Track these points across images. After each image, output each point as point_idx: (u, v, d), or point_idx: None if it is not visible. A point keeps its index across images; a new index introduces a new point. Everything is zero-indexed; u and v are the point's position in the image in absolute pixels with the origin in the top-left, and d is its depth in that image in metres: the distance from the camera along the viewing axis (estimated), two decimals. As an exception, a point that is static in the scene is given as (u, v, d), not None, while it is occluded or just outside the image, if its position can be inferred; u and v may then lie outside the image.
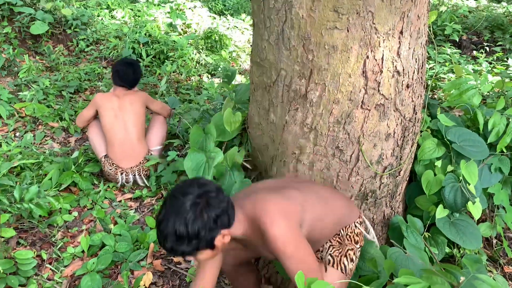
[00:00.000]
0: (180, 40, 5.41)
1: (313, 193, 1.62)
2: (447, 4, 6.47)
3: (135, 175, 3.02)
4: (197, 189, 1.34)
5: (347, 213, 1.70)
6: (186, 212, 1.29)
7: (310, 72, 1.85)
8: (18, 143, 3.47)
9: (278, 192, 1.52)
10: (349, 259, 1.63)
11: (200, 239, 1.31)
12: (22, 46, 4.99)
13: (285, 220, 1.38)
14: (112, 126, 3.00)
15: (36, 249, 2.40)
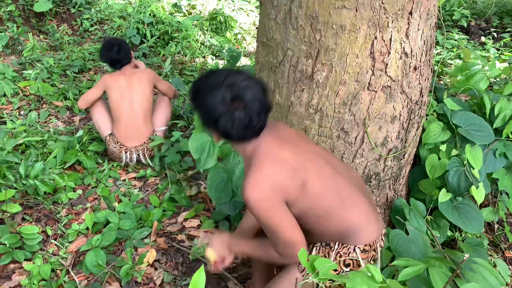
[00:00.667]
0: (184, 21, 5.36)
1: (334, 184, 1.38)
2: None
3: (139, 155, 3.03)
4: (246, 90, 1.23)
5: (356, 231, 1.39)
6: (216, 90, 1.22)
7: (317, 52, 1.84)
8: (23, 121, 3.48)
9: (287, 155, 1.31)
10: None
11: (198, 111, 1.30)
12: (26, 24, 4.97)
13: (262, 190, 1.25)
14: (119, 104, 3.00)
15: (41, 225, 2.43)
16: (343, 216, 1.38)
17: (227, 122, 1.24)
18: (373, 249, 1.41)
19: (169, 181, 2.81)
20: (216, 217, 2.47)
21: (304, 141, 1.43)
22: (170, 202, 2.64)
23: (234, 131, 1.26)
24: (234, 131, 1.26)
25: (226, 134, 1.28)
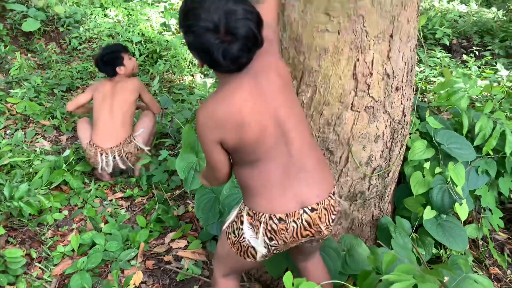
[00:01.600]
0: (173, 40, 5.41)
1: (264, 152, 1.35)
2: (438, 8, 6.55)
3: (115, 157, 2.98)
4: (243, 20, 1.17)
5: (255, 195, 1.41)
6: (208, 11, 1.15)
7: (302, 74, 1.87)
8: (9, 141, 3.45)
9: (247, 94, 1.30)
10: (232, 229, 1.51)
11: (184, 33, 1.23)
12: (14, 43, 4.97)
13: (207, 117, 1.29)
14: (99, 108, 3.02)
15: (26, 248, 2.40)
16: (248, 176, 1.40)
17: (217, 54, 1.18)
18: (257, 219, 1.40)
19: (156, 200, 2.79)
20: (203, 237, 2.46)
21: (273, 95, 1.34)
22: (157, 223, 2.62)
23: (222, 62, 1.21)
24: (222, 63, 1.21)
25: (213, 64, 1.24)
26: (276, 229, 1.39)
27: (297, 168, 1.40)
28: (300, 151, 1.40)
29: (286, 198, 1.39)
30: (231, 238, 1.50)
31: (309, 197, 1.40)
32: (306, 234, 1.42)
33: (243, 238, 1.45)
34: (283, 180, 1.39)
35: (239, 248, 1.49)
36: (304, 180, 1.41)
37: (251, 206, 1.42)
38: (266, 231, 1.40)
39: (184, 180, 2.37)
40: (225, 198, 2.18)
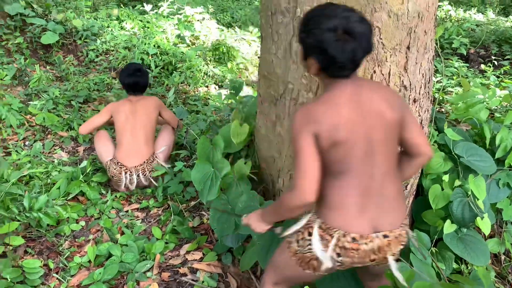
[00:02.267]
0: (188, 52, 5.47)
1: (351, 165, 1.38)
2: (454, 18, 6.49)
3: (139, 175, 3.04)
4: (359, 24, 1.30)
5: (329, 208, 1.42)
6: (326, 18, 1.30)
7: (317, 87, 1.87)
8: (28, 152, 3.51)
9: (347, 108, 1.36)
10: (296, 239, 1.51)
11: (305, 38, 1.36)
12: (33, 56, 5.08)
13: (305, 117, 1.36)
14: (122, 128, 3.09)
15: (43, 258, 2.42)
16: (329, 187, 1.41)
17: (335, 50, 1.29)
18: (328, 233, 1.40)
19: (172, 212, 2.80)
20: (219, 249, 2.45)
21: (373, 116, 1.38)
22: (173, 234, 2.62)
23: (338, 58, 1.30)
24: (338, 59, 1.30)
25: (330, 63, 1.33)
26: (348, 247, 1.39)
27: (377, 192, 1.41)
28: (383, 177, 1.42)
29: (363, 219, 1.40)
30: (293, 247, 1.51)
31: (383, 223, 1.41)
32: (373, 259, 1.43)
33: (307, 249, 1.46)
34: (363, 201, 1.40)
35: (300, 259, 1.49)
36: (381, 205, 1.42)
37: (326, 220, 1.42)
38: (336, 247, 1.40)
39: (200, 192, 2.37)
40: (241, 211, 2.17)
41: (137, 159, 3.07)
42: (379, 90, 1.43)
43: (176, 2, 7.44)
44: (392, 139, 1.43)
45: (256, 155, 2.50)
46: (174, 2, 7.42)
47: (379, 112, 1.38)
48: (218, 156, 2.47)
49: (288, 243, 1.56)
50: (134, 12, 7.42)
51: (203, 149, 2.57)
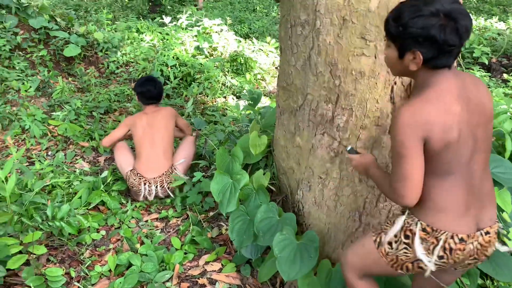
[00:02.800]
0: (206, 63, 5.54)
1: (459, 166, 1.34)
2: (475, 26, 6.40)
3: (157, 187, 3.09)
4: (457, 4, 1.25)
5: (431, 209, 1.37)
6: (424, 6, 1.25)
7: (337, 97, 1.87)
8: (50, 162, 3.59)
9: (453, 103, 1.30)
10: (386, 240, 1.48)
11: (404, 30, 1.28)
12: (56, 68, 5.22)
13: (414, 118, 1.27)
14: (141, 141, 3.15)
15: (65, 267, 2.45)
16: (432, 189, 1.36)
17: (444, 33, 1.23)
18: (434, 236, 1.36)
19: (191, 222, 2.81)
20: (237, 260, 2.44)
21: (479, 113, 1.34)
22: (192, 245, 2.63)
23: (451, 41, 1.24)
24: (451, 42, 1.24)
25: (439, 50, 1.26)
26: (454, 248, 1.36)
27: (477, 189, 1.39)
28: (482, 174, 1.40)
29: (468, 218, 1.37)
30: (384, 249, 1.48)
31: (484, 220, 1.40)
32: (474, 257, 1.41)
33: (403, 253, 1.43)
34: (468, 200, 1.37)
35: (393, 260, 1.47)
36: (481, 202, 1.40)
37: (430, 222, 1.38)
38: (441, 249, 1.37)
39: (219, 203, 2.38)
40: (260, 221, 2.17)
41: (156, 171, 3.11)
42: (478, 82, 1.38)
43: (195, 14, 7.56)
44: (490, 135, 1.40)
45: (274, 166, 2.50)
46: (192, 14, 7.55)
47: (483, 108, 1.35)
48: (237, 167, 2.48)
49: (376, 243, 1.52)
50: (153, 24, 7.57)
51: (222, 160, 2.58)
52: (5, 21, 5.04)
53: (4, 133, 4.12)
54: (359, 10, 1.68)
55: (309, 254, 1.94)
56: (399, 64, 1.37)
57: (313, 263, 1.91)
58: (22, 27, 5.18)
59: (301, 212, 2.24)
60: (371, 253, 1.54)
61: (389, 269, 1.50)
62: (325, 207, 2.09)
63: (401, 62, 1.35)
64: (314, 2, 1.77)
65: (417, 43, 1.27)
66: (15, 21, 5.10)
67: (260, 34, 9.24)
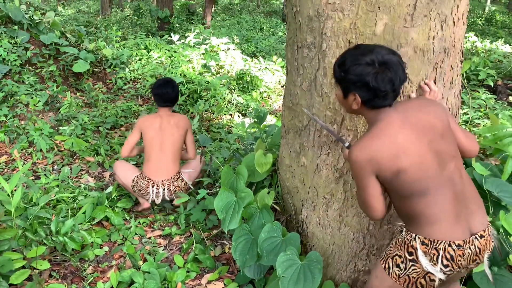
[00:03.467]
0: (213, 81, 5.60)
1: (426, 180, 1.43)
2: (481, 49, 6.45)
3: (164, 190, 3.10)
4: (392, 55, 1.41)
5: (423, 222, 1.45)
6: (362, 55, 1.41)
7: (342, 119, 1.88)
8: (56, 176, 3.61)
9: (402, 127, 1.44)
10: (395, 263, 1.53)
11: (345, 75, 1.44)
12: (65, 83, 5.30)
13: (362, 156, 1.42)
14: (151, 143, 3.12)
15: (67, 283, 2.45)
16: (417, 204, 1.45)
17: (376, 82, 1.39)
18: (434, 247, 1.44)
19: (194, 240, 2.81)
20: (240, 280, 2.42)
21: (427, 131, 1.45)
22: (194, 263, 2.62)
23: (382, 88, 1.39)
24: (382, 89, 1.39)
25: (373, 94, 1.41)
26: (454, 255, 1.43)
27: (462, 196, 1.47)
28: (461, 180, 1.48)
29: (460, 225, 1.45)
30: (395, 272, 1.53)
31: (475, 224, 1.47)
32: (475, 260, 1.48)
33: (412, 270, 1.48)
34: (456, 207, 1.45)
35: (406, 281, 1.51)
36: (469, 208, 1.48)
37: (427, 235, 1.45)
38: (443, 258, 1.43)
39: (222, 220, 2.38)
40: (263, 241, 2.16)
41: (165, 174, 3.12)
42: (421, 106, 1.50)
43: (203, 32, 7.68)
44: (452, 143, 1.49)
45: (279, 185, 2.50)
46: (200, 32, 7.67)
47: (431, 125, 1.46)
48: (241, 185, 2.49)
49: (386, 269, 1.56)
50: (161, 41, 7.69)
51: (226, 178, 2.59)
52: (17, 37, 5.14)
53: (11, 147, 4.16)
54: (364, 34, 1.71)
55: (312, 275, 1.92)
56: (345, 103, 1.54)
57: (316, 284, 1.90)
58: (33, 43, 5.29)
59: (305, 232, 2.23)
60: (385, 281, 1.57)
61: None
62: (329, 228, 2.08)
63: (346, 101, 1.52)
64: (320, 25, 1.80)
65: (355, 87, 1.44)
66: (26, 36, 5.20)
67: (267, 53, 9.35)
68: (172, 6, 11.16)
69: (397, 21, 1.66)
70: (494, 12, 17.66)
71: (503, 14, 18.03)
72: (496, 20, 16.18)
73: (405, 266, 1.50)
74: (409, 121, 1.45)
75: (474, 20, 15.94)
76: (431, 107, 1.50)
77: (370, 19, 1.68)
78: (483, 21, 15.88)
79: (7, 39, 5.04)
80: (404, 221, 1.55)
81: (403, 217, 1.54)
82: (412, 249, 1.48)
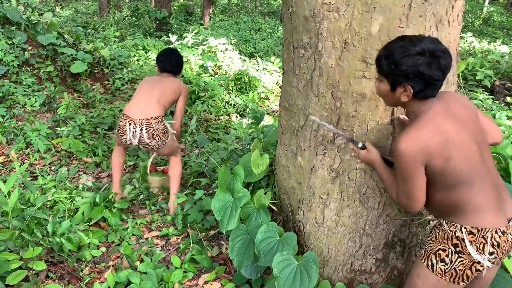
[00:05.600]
0: (211, 81, 5.60)
1: (472, 168, 1.46)
2: (478, 49, 6.46)
3: (142, 129, 2.96)
4: (438, 44, 1.42)
5: (468, 211, 1.47)
6: (411, 46, 1.41)
7: (338, 118, 1.89)
8: (53, 177, 3.61)
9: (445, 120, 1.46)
10: (439, 258, 1.52)
11: (395, 68, 1.43)
12: (62, 84, 5.29)
13: (412, 146, 1.41)
14: (141, 88, 3.07)
15: (64, 283, 2.44)
16: (465, 194, 1.46)
17: (429, 70, 1.39)
18: (481, 235, 1.44)
19: (191, 240, 2.80)
20: (237, 280, 2.42)
21: (468, 122, 1.49)
22: (191, 263, 2.62)
23: (437, 77, 1.41)
24: (437, 77, 1.41)
25: (427, 84, 1.42)
26: (500, 241, 1.45)
27: (496, 184, 1.51)
28: (494, 169, 1.53)
29: (502, 212, 1.48)
30: (440, 267, 1.52)
31: (508, 211, 1.50)
32: None
33: (458, 262, 1.49)
34: (495, 195, 1.48)
35: (452, 275, 1.50)
36: (503, 195, 1.52)
37: (474, 224, 1.46)
38: (490, 246, 1.45)
39: (220, 221, 2.38)
40: (260, 242, 2.16)
41: (144, 113, 2.98)
42: (455, 97, 1.54)
43: (201, 33, 7.68)
44: (483, 133, 1.54)
45: (276, 185, 2.50)
46: (199, 33, 7.67)
47: (469, 116, 1.50)
48: (238, 186, 2.49)
49: (430, 266, 1.55)
50: (159, 42, 7.69)
51: (223, 178, 2.59)
52: (15, 37, 5.14)
53: (8, 148, 4.16)
54: (360, 34, 1.71)
55: (309, 275, 1.92)
56: (391, 96, 1.53)
57: (312, 285, 1.90)
58: (30, 43, 5.28)
59: (302, 232, 2.23)
60: (429, 278, 1.56)
61: (452, 286, 1.52)
62: (326, 228, 2.08)
63: (393, 94, 1.51)
64: (316, 26, 1.81)
65: (407, 78, 1.43)
66: (24, 37, 5.20)
67: (265, 54, 9.36)
68: (170, 7, 11.16)
69: (392, 22, 1.67)
70: (492, 13, 17.70)
71: (501, 15, 18.06)
72: (494, 20, 16.22)
73: (451, 260, 1.49)
74: (452, 112, 1.48)
75: (472, 20, 15.98)
76: (463, 99, 1.55)
77: (365, 19, 1.69)
78: (481, 21, 15.92)
79: (4, 40, 5.04)
80: (444, 214, 1.54)
81: (443, 210, 1.53)
82: (458, 241, 1.47)
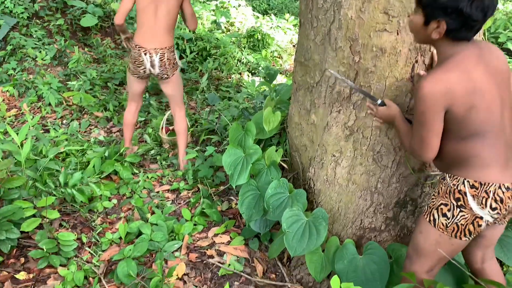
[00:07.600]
0: (223, 38, 5.48)
1: (490, 122, 1.43)
2: (502, 11, 6.19)
3: (160, 59, 2.95)
4: None
5: (474, 164, 1.45)
6: None
7: (356, 74, 1.83)
8: (65, 130, 3.63)
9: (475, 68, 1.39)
10: (441, 213, 1.52)
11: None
12: (72, 38, 5.22)
13: (437, 88, 1.36)
14: (144, 10, 2.92)
15: (77, 232, 2.50)
16: (475, 146, 1.44)
17: (470, 7, 1.30)
18: (484, 190, 1.43)
19: (201, 195, 2.83)
20: (246, 234, 2.46)
21: (498, 73, 1.44)
22: (201, 217, 2.66)
23: (475, 17, 1.31)
24: (475, 17, 1.31)
25: (463, 23, 1.33)
26: (503, 197, 1.43)
27: (510, 143, 1.47)
28: (510, 129, 1.48)
29: (509, 169, 1.46)
30: (441, 222, 1.52)
31: None
32: None
33: (460, 217, 1.48)
34: (506, 152, 1.46)
35: (454, 229, 1.50)
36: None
37: (478, 178, 1.44)
38: (492, 201, 1.44)
39: (230, 176, 2.38)
40: (270, 197, 2.17)
41: (158, 43, 2.94)
42: (490, 48, 1.47)
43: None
44: (509, 92, 1.49)
45: (287, 143, 2.48)
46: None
47: (500, 69, 1.44)
48: (249, 142, 2.47)
49: (432, 221, 1.55)
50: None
51: (235, 135, 2.57)
52: (24, -12, 5.02)
53: (20, 100, 4.17)
54: (383, -17, 1.62)
55: (317, 231, 1.94)
56: (423, 30, 1.43)
57: (321, 240, 1.91)
58: (40, -5, 5.17)
59: (312, 190, 2.23)
60: (430, 234, 1.56)
61: (454, 241, 1.52)
62: (337, 185, 2.08)
63: (425, 29, 1.42)
64: (337, -26, 1.72)
65: (444, 13, 1.34)
66: (33, -12, 5.08)
67: (279, 11, 9.08)
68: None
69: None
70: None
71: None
72: (519, -18, 15.46)
73: (453, 214, 1.49)
74: (484, 59, 1.41)
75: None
76: (498, 52, 1.48)
77: (390, -33, 1.59)
78: (505, -17, 15.19)
79: (13, -10, 4.93)
80: (449, 167, 1.52)
81: (449, 162, 1.51)
82: (460, 195, 1.47)
